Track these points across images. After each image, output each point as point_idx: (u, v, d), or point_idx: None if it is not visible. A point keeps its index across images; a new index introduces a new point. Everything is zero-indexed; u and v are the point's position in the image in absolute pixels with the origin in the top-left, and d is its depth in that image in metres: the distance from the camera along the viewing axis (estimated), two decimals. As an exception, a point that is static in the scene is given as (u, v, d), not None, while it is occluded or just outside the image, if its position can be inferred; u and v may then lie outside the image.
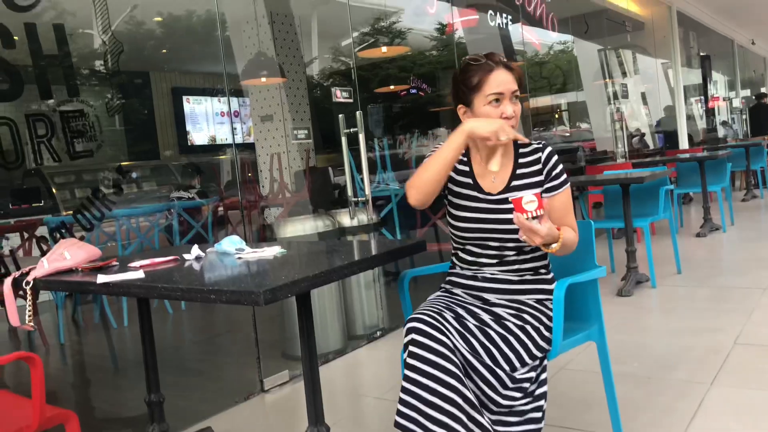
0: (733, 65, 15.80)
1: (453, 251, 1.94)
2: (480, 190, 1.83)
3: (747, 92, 17.43)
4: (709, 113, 13.83)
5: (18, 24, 2.65)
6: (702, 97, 13.00)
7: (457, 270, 1.90)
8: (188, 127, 8.50)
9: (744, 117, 14.99)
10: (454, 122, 1.84)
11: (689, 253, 5.20)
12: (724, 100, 16.37)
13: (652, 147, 10.35)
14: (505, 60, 1.82)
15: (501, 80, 1.76)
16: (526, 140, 1.83)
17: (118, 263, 1.98)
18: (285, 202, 4.63)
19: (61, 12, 3.55)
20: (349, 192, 3.52)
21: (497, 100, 1.76)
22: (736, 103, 16.42)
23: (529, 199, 1.62)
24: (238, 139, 7.39)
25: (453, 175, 1.86)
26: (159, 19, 7.32)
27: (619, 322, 3.58)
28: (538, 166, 1.83)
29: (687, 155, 6.87)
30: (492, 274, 1.82)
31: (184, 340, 4.54)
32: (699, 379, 2.63)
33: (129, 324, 4.37)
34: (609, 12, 8.33)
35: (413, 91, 8.12)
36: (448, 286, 1.91)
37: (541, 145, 1.86)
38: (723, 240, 5.91)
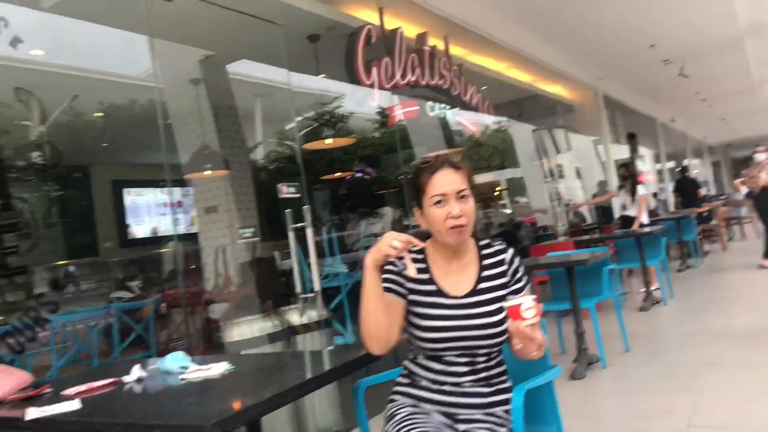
0: (657, 141, 16.82)
1: (412, 358, 1.84)
2: (444, 294, 1.76)
3: (672, 163, 18.49)
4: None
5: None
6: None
7: (419, 381, 1.79)
8: (129, 220, 8.29)
9: (671, 189, 15.81)
10: (399, 202, 1.84)
11: (635, 329, 5.29)
12: (657, 172, 17.29)
13: (589, 221, 10.73)
14: (452, 160, 1.79)
15: (444, 181, 1.73)
16: (420, 244, 1.75)
17: (51, 389, 1.84)
18: (231, 297, 4.50)
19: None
20: (298, 288, 3.46)
21: (440, 201, 1.72)
22: (664, 172, 17.37)
23: (528, 305, 1.57)
24: (181, 230, 7.23)
25: (413, 285, 1.78)
26: (100, 114, 7.27)
27: (576, 408, 3.55)
28: (503, 267, 1.81)
29: (621, 232, 7.12)
30: (462, 387, 1.74)
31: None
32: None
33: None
34: (540, 97, 8.80)
35: (358, 174, 8.22)
36: (408, 400, 1.79)
37: (503, 247, 1.86)
38: (665, 313, 6.06)
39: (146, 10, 3.85)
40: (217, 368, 1.82)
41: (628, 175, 7.74)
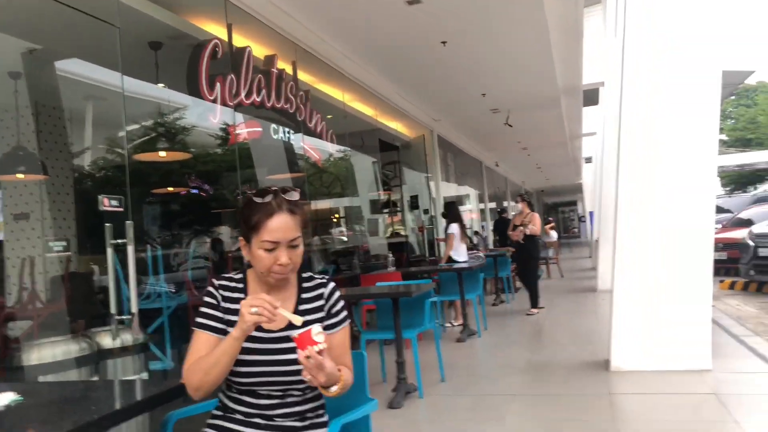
0: (482, 182, 18.20)
1: (225, 391, 1.81)
2: (259, 328, 1.72)
3: (493, 204, 20.08)
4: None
5: None
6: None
7: (231, 414, 1.77)
8: None
9: (490, 228, 17.15)
10: (236, 223, 1.80)
11: (451, 360, 5.63)
12: (480, 212, 18.64)
13: (417, 252, 11.27)
14: (290, 202, 1.72)
15: (279, 227, 1.67)
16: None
17: None
18: (35, 314, 4.06)
19: None
20: (113, 309, 3.22)
21: (272, 249, 1.68)
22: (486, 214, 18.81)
23: (318, 330, 1.57)
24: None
25: (230, 317, 1.75)
26: None
27: (390, 438, 3.68)
28: (321, 302, 1.81)
29: (446, 265, 7.57)
30: (273, 420, 1.73)
31: None
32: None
33: None
34: (381, 131, 9.14)
35: (194, 191, 7.89)
36: None
37: (324, 280, 1.85)
38: (479, 345, 6.52)
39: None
40: (1, 399, 1.61)
41: (446, 214, 8.24)
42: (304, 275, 1.86)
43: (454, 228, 7.91)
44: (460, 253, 7.86)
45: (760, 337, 6.30)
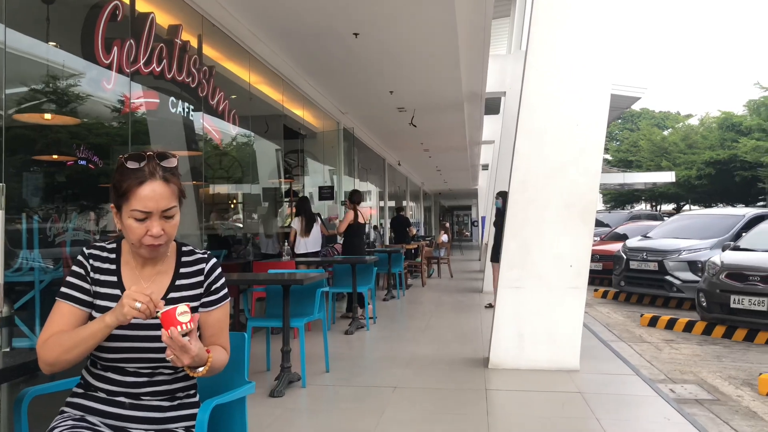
0: (383, 180, 18.41)
1: (88, 367, 1.70)
2: None
3: (393, 203, 20.38)
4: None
5: None
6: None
7: (94, 392, 1.66)
8: None
9: (387, 225, 17.41)
10: None
11: (338, 352, 5.65)
12: (380, 209, 18.83)
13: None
14: (166, 169, 1.62)
15: (152, 196, 1.57)
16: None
17: None
18: None
19: None
20: (-26, 278, 2.95)
21: (143, 219, 1.58)
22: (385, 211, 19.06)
23: (183, 309, 1.51)
24: None
25: (99, 288, 1.65)
26: None
27: (268, 425, 3.64)
28: (200, 278, 1.73)
29: (341, 257, 7.60)
30: (140, 399, 1.65)
31: None
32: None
33: None
34: (287, 118, 9.01)
35: (82, 162, 7.40)
36: (78, 412, 1.65)
37: (206, 256, 1.77)
38: (366, 338, 6.59)
39: None
40: None
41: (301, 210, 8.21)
42: (185, 248, 1.77)
43: (295, 222, 8.13)
44: (299, 247, 8.00)
45: (625, 343, 6.82)
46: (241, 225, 9.59)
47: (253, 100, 7.54)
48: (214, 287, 1.75)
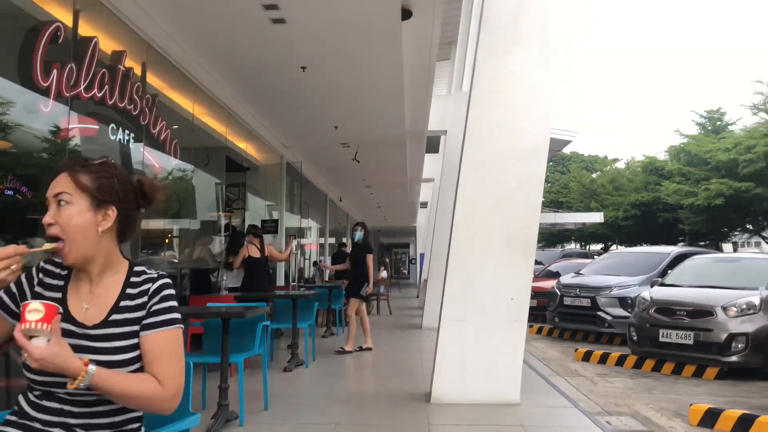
0: (325, 216, 18.36)
1: (25, 392, 1.58)
2: (72, 320, 1.55)
3: (333, 240, 20.31)
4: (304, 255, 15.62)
5: None
6: (298, 240, 14.61)
7: (31, 423, 1.54)
8: None
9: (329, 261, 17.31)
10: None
11: (277, 389, 5.50)
12: (319, 245, 18.73)
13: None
14: (76, 161, 1.63)
15: (51, 184, 1.59)
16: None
17: None
18: None
19: None
20: None
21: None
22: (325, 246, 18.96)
23: (34, 307, 1.38)
24: None
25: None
26: None
27: (207, 464, 3.49)
28: (144, 299, 1.62)
29: (283, 292, 7.49)
30: (75, 430, 1.53)
31: None
32: None
33: None
34: (230, 150, 8.90)
35: (9, 192, 7.05)
36: None
37: (155, 275, 1.66)
38: (306, 375, 6.46)
39: None
40: None
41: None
42: (137, 269, 1.68)
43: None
44: (230, 281, 8.09)
45: (561, 377, 6.96)
46: (176, 260, 9.32)
47: (195, 131, 7.42)
48: (155, 308, 1.60)
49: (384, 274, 17.10)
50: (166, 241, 9.22)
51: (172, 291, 1.66)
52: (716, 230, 26.36)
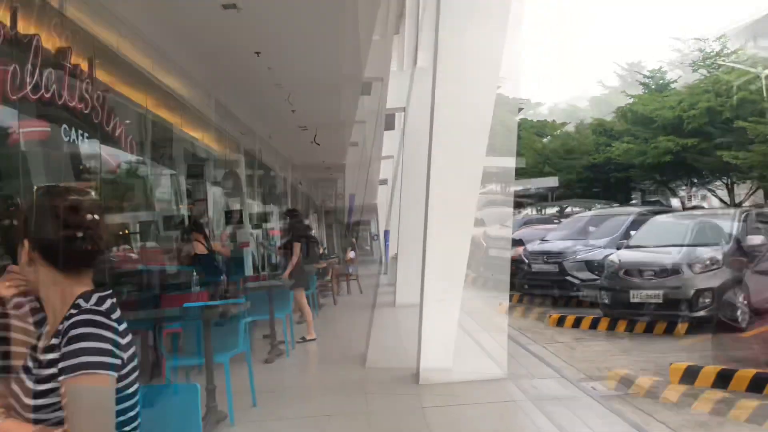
0: (286, 200, 18.10)
1: None
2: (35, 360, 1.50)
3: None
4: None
5: None
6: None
7: None
8: None
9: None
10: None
11: (261, 383, 5.37)
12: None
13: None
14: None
15: None
16: None
17: None
18: None
19: None
20: None
21: None
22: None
23: None
24: None
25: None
26: None
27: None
28: (60, 338, 1.43)
29: (257, 284, 7.34)
30: None
31: None
32: None
33: None
34: (186, 142, 8.63)
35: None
36: None
37: (75, 311, 1.45)
38: (288, 365, 6.36)
39: None
40: None
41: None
42: (79, 300, 1.49)
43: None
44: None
45: (539, 345, 7.07)
46: (135, 255, 9.03)
47: (150, 125, 7.14)
48: (65, 350, 1.39)
49: (352, 254, 17.06)
50: (124, 235, 8.92)
51: (85, 330, 1.41)
52: (666, 186, 27.18)
